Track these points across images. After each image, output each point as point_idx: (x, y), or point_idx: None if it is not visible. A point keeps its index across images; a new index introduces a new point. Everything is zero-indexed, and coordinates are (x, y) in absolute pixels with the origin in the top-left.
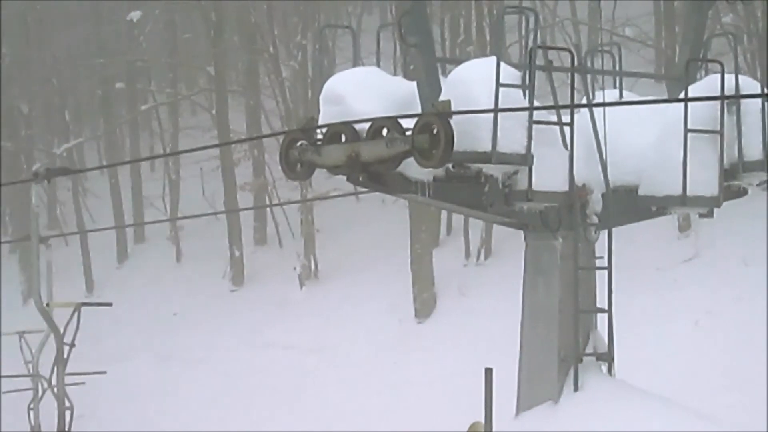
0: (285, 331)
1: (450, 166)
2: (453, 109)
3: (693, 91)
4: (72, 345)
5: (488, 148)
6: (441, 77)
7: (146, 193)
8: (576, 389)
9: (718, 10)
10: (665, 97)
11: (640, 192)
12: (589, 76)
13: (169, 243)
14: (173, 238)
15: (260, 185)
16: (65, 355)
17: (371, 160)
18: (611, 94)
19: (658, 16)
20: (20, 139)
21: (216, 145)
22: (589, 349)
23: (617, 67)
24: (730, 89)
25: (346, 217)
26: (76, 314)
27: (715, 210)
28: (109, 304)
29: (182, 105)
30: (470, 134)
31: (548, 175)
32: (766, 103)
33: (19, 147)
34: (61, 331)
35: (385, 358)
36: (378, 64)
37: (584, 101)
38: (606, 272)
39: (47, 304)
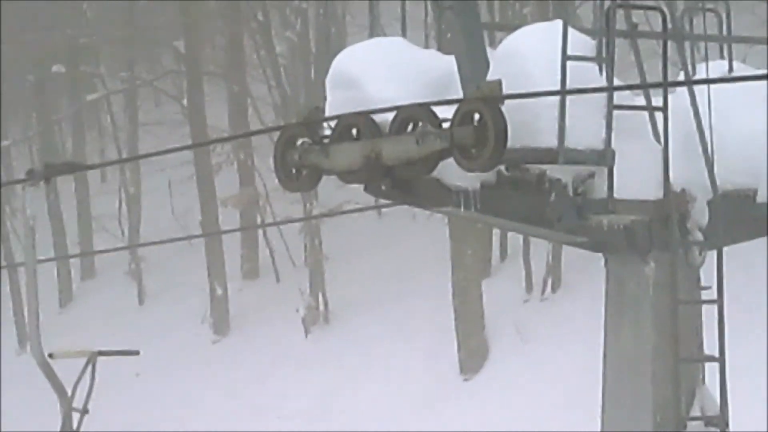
0: (284, 393)
1: (503, 168)
2: (505, 91)
3: None
4: (85, 411)
5: (553, 143)
6: (488, 49)
7: (96, 212)
8: None
9: None
10: None
11: (759, 198)
12: (687, 44)
13: (128, 279)
14: (134, 272)
15: (249, 199)
16: (76, 427)
17: (397, 162)
18: (718, 67)
19: None
20: None
21: (189, 146)
22: (694, 412)
23: (724, 32)
24: None
25: (364, 239)
26: (90, 367)
27: None
28: (136, 353)
29: (142, 93)
30: (529, 125)
31: (635, 179)
32: None
33: None
34: (70, 392)
35: (420, 429)
36: (404, 34)
37: (682, 77)
38: (716, 307)
39: (50, 355)
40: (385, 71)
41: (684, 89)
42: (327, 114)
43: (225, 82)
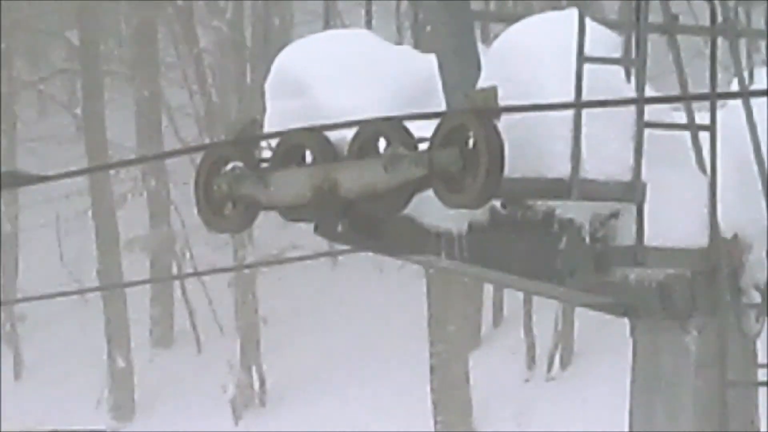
0: None
1: (498, 204)
2: (502, 102)
3: None
4: None
5: (566, 171)
6: (480, 47)
7: None
8: None
9: None
10: None
11: None
12: (743, 42)
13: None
14: (8, 336)
15: (162, 241)
16: None
17: (358, 195)
18: None
19: None
20: None
21: (84, 171)
22: None
23: None
24: None
25: (313, 296)
26: None
27: None
28: None
29: (23, 99)
30: (533, 147)
31: (672, 220)
32: None
33: None
34: None
35: None
36: (369, 25)
37: (735, 87)
38: None
39: None
40: (343, 74)
41: (738, 102)
42: (266, 130)
43: (132, 85)
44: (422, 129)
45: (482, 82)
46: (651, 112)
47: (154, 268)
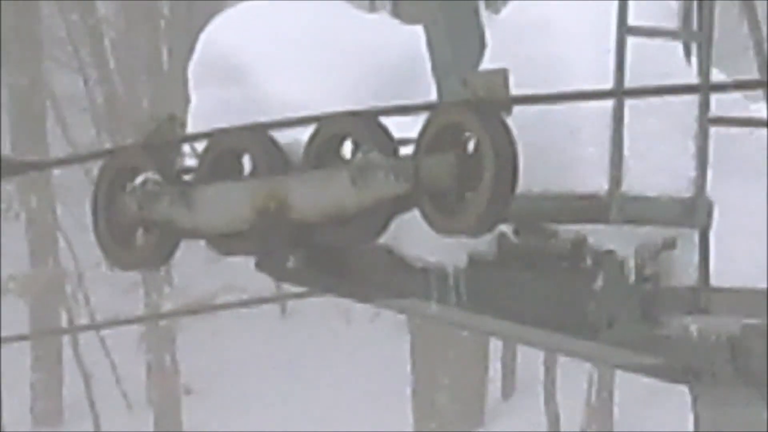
0: None
1: (508, 230)
2: (514, 90)
3: None
4: None
5: (602, 184)
6: (484, 15)
7: None
8: None
9: None
10: None
11: None
12: None
13: None
14: None
15: (46, 282)
16: None
17: (316, 218)
18: None
19: None
20: None
21: None
22: None
23: None
24: None
25: (255, 356)
26: None
27: None
28: None
29: None
30: (557, 152)
31: (747, 252)
32: None
33: None
34: None
35: None
36: None
37: None
38: None
39: None
40: (295, 54)
41: None
42: (190, 129)
43: (4, 70)
44: (403, 127)
45: (487, 63)
46: (719, 103)
47: (36, 317)
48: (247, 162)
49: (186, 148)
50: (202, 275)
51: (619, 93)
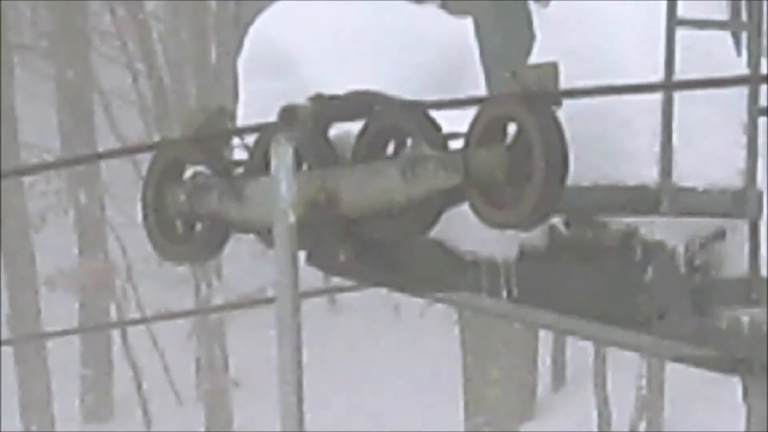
0: None
1: (559, 223)
2: (563, 83)
3: None
4: None
5: (652, 176)
6: (534, 7)
7: None
8: None
9: None
10: None
11: None
12: None
13: None
14: None
15: (95, 277)
16: None
17: (366, 210)
18: None
19: None
20: None
21: None
22: None
23: None
24: None
25: (306, 349)
26: None
27: None
28: None
29: None
30: (607, 144)
31: None
32: None
33: None
34: None
35: None
36: None
37: None
38: None
39: None
40: (343, 46)
41: None
42: (240, 122)
43: (52, 63)
44: (453, 121)
45: (537, 56)
46: None
47: (85, 312)
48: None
49: (236, 141)
50: (251, 269)
51: (669, 86)
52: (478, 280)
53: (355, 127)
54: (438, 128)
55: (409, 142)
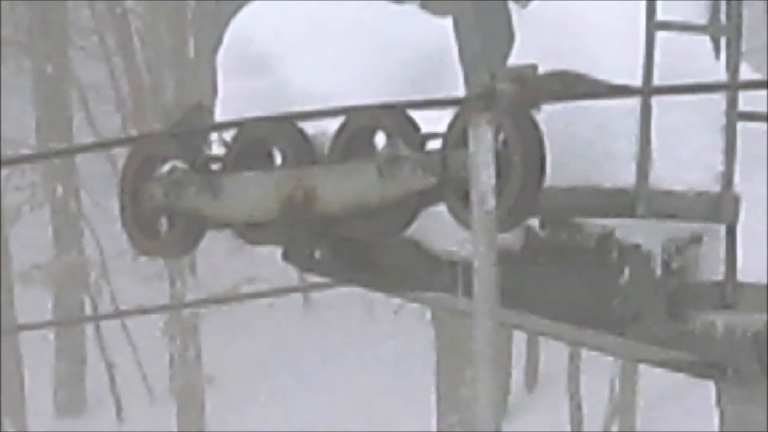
0: None
1: (535, 225)
2: (541, 83)
3: None
4: None
5: (629, 179)
6: (513, 7)
7: None
8: None
9: None
10: None
11: None
12: None
13: None
14: None
15: (70, 271)
16: None
17: (343, 210)
18: None
19: None
20: None
21: None
22: None
23: None
24: None
25: (278, 347)
26: None
27: None
28: None
29: None
30: (586, 147)
31: None
32: None
33: None
34: None
35: None
36: None
37: None
38: None
39: None
40: (323, 44)
41: None
42: (218, 118)
43: (30, 57)
44: (431, 121)
45: (514, 57)
46: (747, 98)
47: (60, 307)
48: (275, 152)
49: (213, 136)
50: (225, 265)
51: (648, 90)
52: (454, 280)
53: (331, 125)
54: (416, 128)
55: (384, 141)
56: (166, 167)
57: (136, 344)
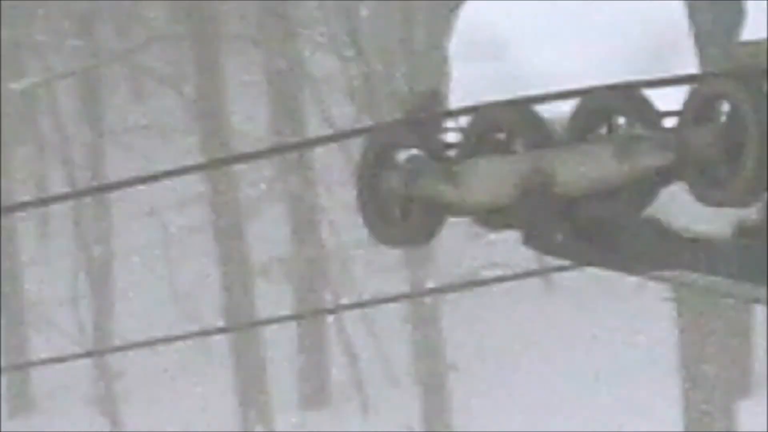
0: None
1: None
2: None
3: None
4: None
5: None
6: None
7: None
8: None
9: None
10: None
11: None
12: None
13: (92, 412)
14: (102, 398)
15: (310, 264)
16: None
17: (582, 191)
18: None
19: None
20: None
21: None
22: None
23: None
24: None
25: (522, 331)
26: None
27: None
28: None
29: (110, 77)
30: None
31: None
32: None
33: None
34: None
35: None
36: None
37: None
38: None
39: None
40: (554, 26)
41: None
42: (452, 104)
43: (261, 52)
44: (667, 99)
45: (748, 34)
46: None
47: (300, 300)
48: (511, 137)
49: (449, 123)
50: (464, 252)
51: None
52: (696, 257)
53: (566, 108)
54: (651, 107)
55: (621, 121)
56: (403, 155)
57: (378, 334)
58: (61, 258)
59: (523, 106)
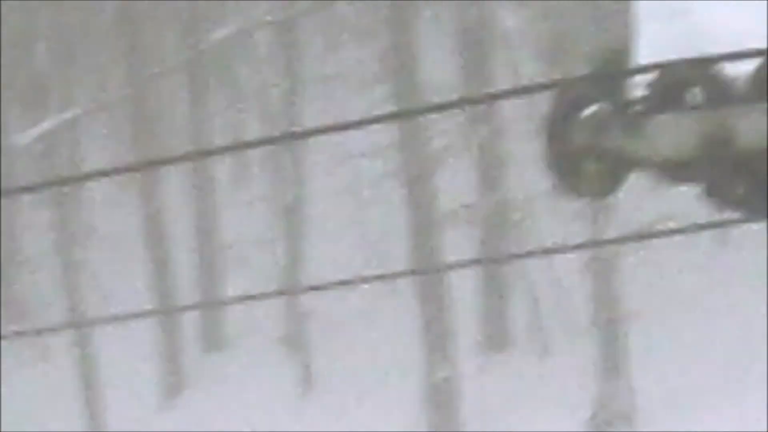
0: None
1: None
2: None
3: None
4: None
5: None
6: None
7: (226, 228)
8: None
9: None
10: None
11: None
12: None
13: (283, 351)
14: (292, 340)
15: (495, 211)
16: None
17: (761, 147)
18: None
19: None
20: None
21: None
22: None
23: None
24: None
25: (696, 283)
26: None
27: None
28: None
29: (305, 27)
30: None
31: None
32: None
33: None
34: None
35: None
36: None
37: None
38: None
39: None
40: None
41: None
42: (639, 61)
43: (452, 6)
44: None
45: None
46: None
47: (485, 246)
48: (694, 93)
49: (635, 79)
50: (645, 203)
51: None
52: None
53: (749, 66)
54: None
55: None
56: (590, 109)
57: (559, 280)
58: (257, 202)
59: (706, 63)
